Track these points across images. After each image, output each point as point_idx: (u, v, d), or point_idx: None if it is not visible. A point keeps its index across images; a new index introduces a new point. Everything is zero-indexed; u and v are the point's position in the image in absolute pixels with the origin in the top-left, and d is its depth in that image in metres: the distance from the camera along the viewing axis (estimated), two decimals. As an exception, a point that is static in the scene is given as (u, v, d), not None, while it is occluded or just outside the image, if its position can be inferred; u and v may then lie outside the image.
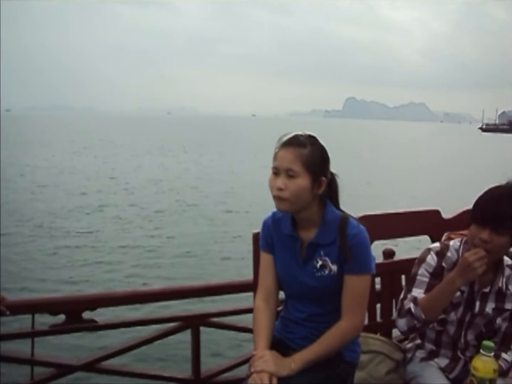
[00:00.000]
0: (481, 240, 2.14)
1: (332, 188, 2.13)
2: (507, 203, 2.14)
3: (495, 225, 2.12)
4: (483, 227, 2.15)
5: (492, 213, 2.14)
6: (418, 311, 2.21)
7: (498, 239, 2.13)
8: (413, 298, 2.25)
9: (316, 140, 2.05)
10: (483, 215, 2.16)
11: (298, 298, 2.16)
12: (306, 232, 2.10)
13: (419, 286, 2.30)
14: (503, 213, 2.12)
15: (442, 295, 2.17)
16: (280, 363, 1.96)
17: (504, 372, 2.30)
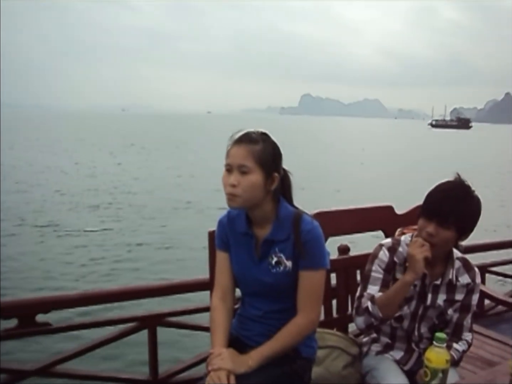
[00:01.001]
0: (427, 233, 2.20)
1: (285, 184, 2.14)
2: (453, 198, 2.19)
3: (441, 219, 2.18)
4: (429, 221, 2.20)
5: (438, 208, 2.19)
6: (376, 309, 2.25)
7: (444, 233, 2.19)
8: (371, 297, 2.29)
9: (268, 137, 2.06)
10: (430, 209, 2.22)
11: (254, 296, 2.17)
12: (261, 229, 2.10)
13: (374, 282, 2.34)
14: (449, 207, 2.17)
15: (397, 293, 2.22)
16: (238, 360, 1.96)
17: (456, 362, 2.36)
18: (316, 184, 21.18)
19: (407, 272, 2.20)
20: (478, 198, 2.26)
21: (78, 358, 2.96)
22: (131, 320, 3.07)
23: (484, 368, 2.66)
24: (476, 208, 2.24)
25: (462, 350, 2.36)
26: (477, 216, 2.24)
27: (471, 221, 2.22)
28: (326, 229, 2.18)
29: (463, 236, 2.25)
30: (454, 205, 2.18)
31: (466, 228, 2.22)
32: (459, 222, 2.18)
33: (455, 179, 2.27)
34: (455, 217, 2.16)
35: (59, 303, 2.92)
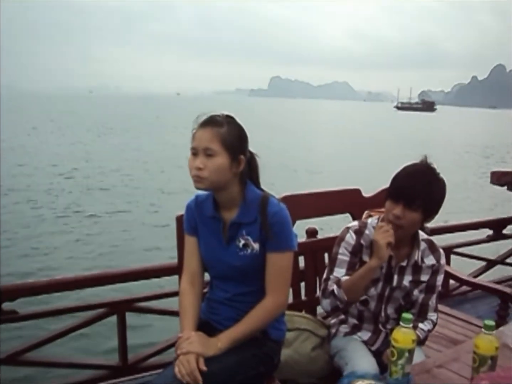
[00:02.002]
0: (394, 215, 2.22)
1: (252, 167, 2.14)
2: (420, 179, 2.22)
3: (408, 201, 2.20)
4: (396, 203, 2.22)
5: (404, 190, 2.21)
6: (341, 293, 2.27)
7: (410, 215, 2.21)
8: (336, 280, 2.31)
9: (233, 120, 2.06)
10: (397, 192, 2.24)
11: (222, 279, 2.17)
12: (228, 212, 2.11)
13: (340, 265, 2.36)
14: (415, 189, 2.19)
15: (362, 277, 2.25)
16: (207, 343, 1.97)
17: (422, 341, 2.42)
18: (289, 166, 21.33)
19: (372, 257, 2.23)
20: (443, 180, 2.29)
21: (48, 345, 2.94)
22: (100, 306, 3.06)
23: (449, 347, 2.72)
24: (442, 191, 2.27)
25: (427, 329, 2.41)
26: (443, 198, 2.28)
27: (437, 203, 2.26)
28: (294, 212, 2.19)
29: (429, 218, 2.28)
30: (421, 188, 2.20)
31: (432, 210, 2.25)
32: (426, 204, 2.21)
33: (422, 161, 2.29)
34: (422, 199, 2.19)
35: (26, 290, 2.89)
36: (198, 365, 1.89)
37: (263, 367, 2.14)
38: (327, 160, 25.38)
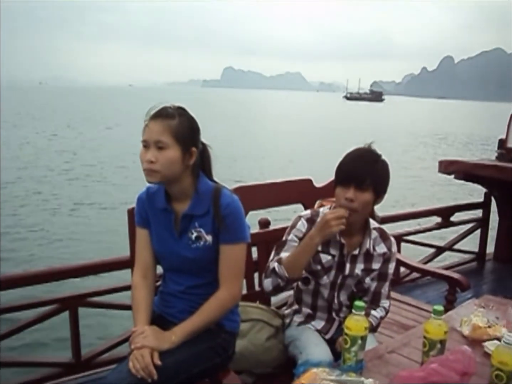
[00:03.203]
0: (347, 199, 2.24)
1: (205, 159, 2.13)
2: (366, 161, 2.27)
3: (358, 183, 2.23)
4: (347, 187, 2.25)
5: (354, 172, 2.24)
6: (282, 269, 2.26)
7: (362, 196, 2.24)
8: (278, 258, 2.32)
9: (184, 111, 2.04)
10: (346, 175, 2.27)
11: (175, 271, 2.16)
12: (180, 204, 2.09)
13: (287, 250, 2.36)
14: (364, 169, 2.23)
15: (303, 252, 2.25)
16: (161, 337, 1.96)
17: (374, 328, 2.46)
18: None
19: (316, 233, 2.20)
20: (386, 162, 2.35)
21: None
22: (51, 302, 3.00)
23: (400, 332, 2.77)
24: (387, 170, 2.33)
25: (380, 316, 2.46)
26: (388, 178, 2.33)
27: (384, 182, 2.31)
28: (246, 203, 2.19)
29: (379, 198, 2.32)
30: (369, 167, 2.24)
31: (381, 188, 2.30)
32: (375, 183, 2.24)
33: (364, 146, 2.35)
34: (371, 179, 2.22)
35: None
36: (152, 359, 1.87)
37: (218, 359, 2.14)
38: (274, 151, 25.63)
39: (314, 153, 24.49)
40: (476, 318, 2.23)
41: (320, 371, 1.64)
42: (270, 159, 22.47)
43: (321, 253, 2.39)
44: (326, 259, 2.39)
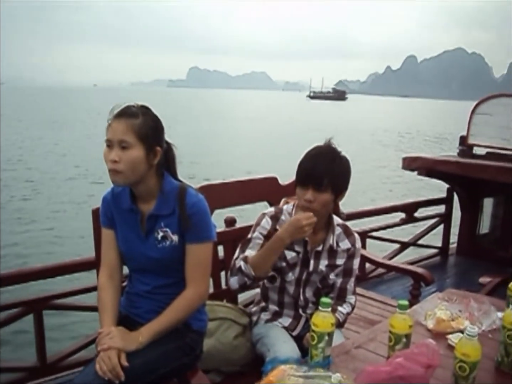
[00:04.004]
0: (306, 200, 2.26)
1: (169, 158, 2.12)
2: (324, 161, 2.26)
3: (316, 183, 2.24)
4: (306, 188, 2.27)
5: (311, 173, 2.25)
6: (248, 268, 2.27)
7: (321, 197, 2.25)
8: (244, 257, 2.32)
9: (148, 110, 2.03)
10: (304, 176, 2.28)
11: (141, 272, 2.15)
12: (146, 204, 2.08)
13: (253, 247, 2.38)
14: (321, 170, 2.24)
15: (271, 251, 2.26)
16: (128, 338, 1.94)
17: (341, 324, 2.48)
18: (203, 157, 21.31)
19: (287, 235, 2.21)
20: (346, 158, 2.35)
21: None
22: (15, 305, 2.95)
23: (366, 327, 2.80)
24: (346, 167, 2.33)
25: (346, 312, 2.48)
26: (348, 174, 2.34)
27: (343, 180, 2.31)
28: (212, 202, 2.19)
29: (340, 196, 2.34)
30: (326, 167, 2.25)
31: (340, 187, 2.31)
32: (333, 183, 2.25)
33: (324, 144, 2.35)
34: (328, 179, 2.23)
35: None
36: (119, 360, 1.86)
37: (186, 358, 2.14)
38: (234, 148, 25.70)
39: (276, 151, 24.62)
40: (440, 311, 2.27)
41: (288, 368, 1.65)
42: (232, 157, 22.50)
43: (286, 249, 2.40)
44: (290, 255, 2.41)
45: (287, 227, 2.22)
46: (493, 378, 1.89)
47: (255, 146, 27.60)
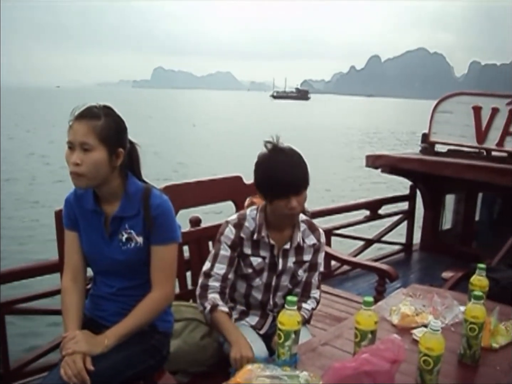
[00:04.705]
0: (291, 208, 2.24)
1: (133, 159, 2.10)
2: (298, 168, 2.25)
3: (297, 190, 2.23)
4: (286, 198, 2.22)
5: (291, 184, 2.22)
6: (208, 318, 2.33)
7: (301, 199, 2.26)
8: (214, 305, 2.30)
9: (111, 111, 2.00)
10: (285, 189, 2.22)
11: (106, 274, 2.12)
12: (110, 205, 2.05)
13: (221, 261, 2.37)
14: (299, 177, 2.24)
15: (223, 332, 2.27)
16: (93, 341, 1.92)
17: (307, 320, 2.50)
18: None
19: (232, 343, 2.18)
20: (301, 155, 2.33)
21: None
22: None
23: (332, 325, 2.82)
24: (306, 163, 2.31)
25: (311, 308, 2.49)
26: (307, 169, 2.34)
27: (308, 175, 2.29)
28: (176, 202, 2.18)
29: None
30: (300, 172, 2.25)
31: (308, 182, 2.30)
32: (307, 183, 2.27)
33: (274, 146, 2.29)
34: (304, 183, 2.25)
35: None
36: (85, 364, 1.83)
37: (152, 360, 2.12)
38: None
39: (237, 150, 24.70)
40: (405, 307, 2.30)
41: (255, 367, 1.65)
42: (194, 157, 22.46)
43: (251, 256, 2.41)
44: (256, 261, 2.41)
45: (238, 345, 2.15)
46: (456, 370, 1.93)
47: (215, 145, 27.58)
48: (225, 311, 2.31)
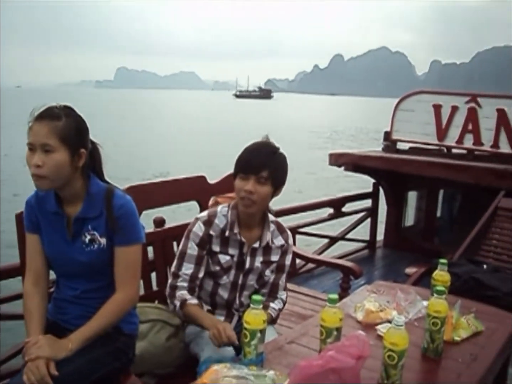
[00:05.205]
0: (246, 191, 2.26)
1: (95, 159, 2.08)
2: (265, 153, 2.30)
3: (257, 175, 2.25)
4: (246, 179, 2.27)
5: (252, 163, 2.27)
6: (181, 313, 2.37)
7: (261, 189, 2.27)
8: (183, 300, 2.35)
9: (72, 111, 1.97)
10: (245, 167, 2.29)
11: (69, 276, 2.09)
12: (72, 207, 2.02)
13: (189, 260, 2.38)
14: (262, 160, 2.26)
15: (198, 320, 2.32)
16: (56, 346, 1.88)
17: (274, 320, 2.50)
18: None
19: (211, 325, 2.21)
20: (284, 154, 2.39)
21: None
22: None
23: (299, 323, 2.83)
24: (285, 163, 2.37)
25: (278, 308, 2.50)
26: (286, 169, 2.37)
27: (282, 174, 2.35)
28: (140, 203, 2.16)
29: (277, 190, 2.35)
30: (267, 159, 2.27)
31: (279, 181, 2.33)
32: (273, 175, 2.27)
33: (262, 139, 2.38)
34: (269, 170, 2.26)
35: None
36: (48, 370, 1.80)
37: (118, 363, 2.10)
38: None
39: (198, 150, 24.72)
40: (369, 303, 2.33)
41: (222, 367, 1.64)
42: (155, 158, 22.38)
43: (220, 254, 2.41)
44: (225, 259, 2.41)
45: (214, 325, 2.19)
46: (420, 364, 1.97)
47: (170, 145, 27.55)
48: (195, 303, 2.35)
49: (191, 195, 3.03)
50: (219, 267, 2.41)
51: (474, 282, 3.26)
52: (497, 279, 3.36)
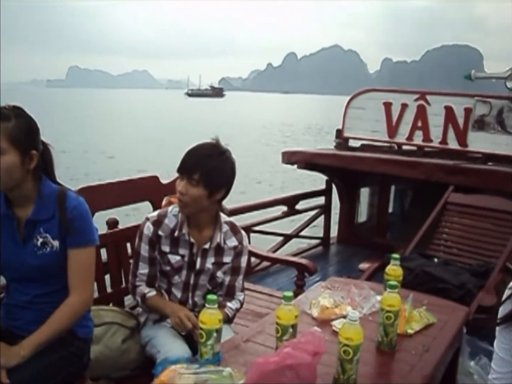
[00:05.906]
0: (179, 192, 2.27)
1: (47, 160, 2.03)
2: (198, 155, 2.28)
3: (188, 176, 2.25)
4: (181, 179, 2.28)
5: (185, 164, 2.28)
6: (144, 307, 2.45)
7: (193, 190, 2.25)
8: (142, 295, 2.42)
9: (22, 112, 1.92)
10: (179, 168, 2.30)
11: (21, 281, 2.04)
12: (22, 209, 1.97)
13: (143, 260, 2.41)
14: (192, 163, 2.26)
15: (160, 309, 2.41)
16: (8, 353, 1.85)
17: (230, 319, 2.50)
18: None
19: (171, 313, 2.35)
20: (230, 157, 2.35)
21: None
22: None
23: (255, 321, 2.83)
24: (224, 165, 2.31)
25: (235, 308, 2.50)
26: (227, 173, 2.33)
27: (219, 177, 2.29)
28: (92, 204, 2.14)
29: (216, 194, 2.31)
30: (199, 161, 2.25)
31: (214, 184, 2.28)
32: (205, 178, 2.24)
33: (211, 140, 2.35)
34: (200, 172, 2.23)
35: None
36: (0, 378, 1.76)
37: (72, 367, 2.07)
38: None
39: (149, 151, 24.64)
40: (324, 299, 2.35)
41: (179, 367, 1.64)
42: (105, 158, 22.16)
43: (170, 254, 2.40)
44: (175, 259, 2.40)
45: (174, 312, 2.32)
46: (375, 358, 2.00)
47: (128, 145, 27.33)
48: (153, 294, 2.42)
49: (144, 195, 3.00)
50: (170, 267, 2.41)
51: (426, 275, 3.34)
52: (448, 272, 3.45)
